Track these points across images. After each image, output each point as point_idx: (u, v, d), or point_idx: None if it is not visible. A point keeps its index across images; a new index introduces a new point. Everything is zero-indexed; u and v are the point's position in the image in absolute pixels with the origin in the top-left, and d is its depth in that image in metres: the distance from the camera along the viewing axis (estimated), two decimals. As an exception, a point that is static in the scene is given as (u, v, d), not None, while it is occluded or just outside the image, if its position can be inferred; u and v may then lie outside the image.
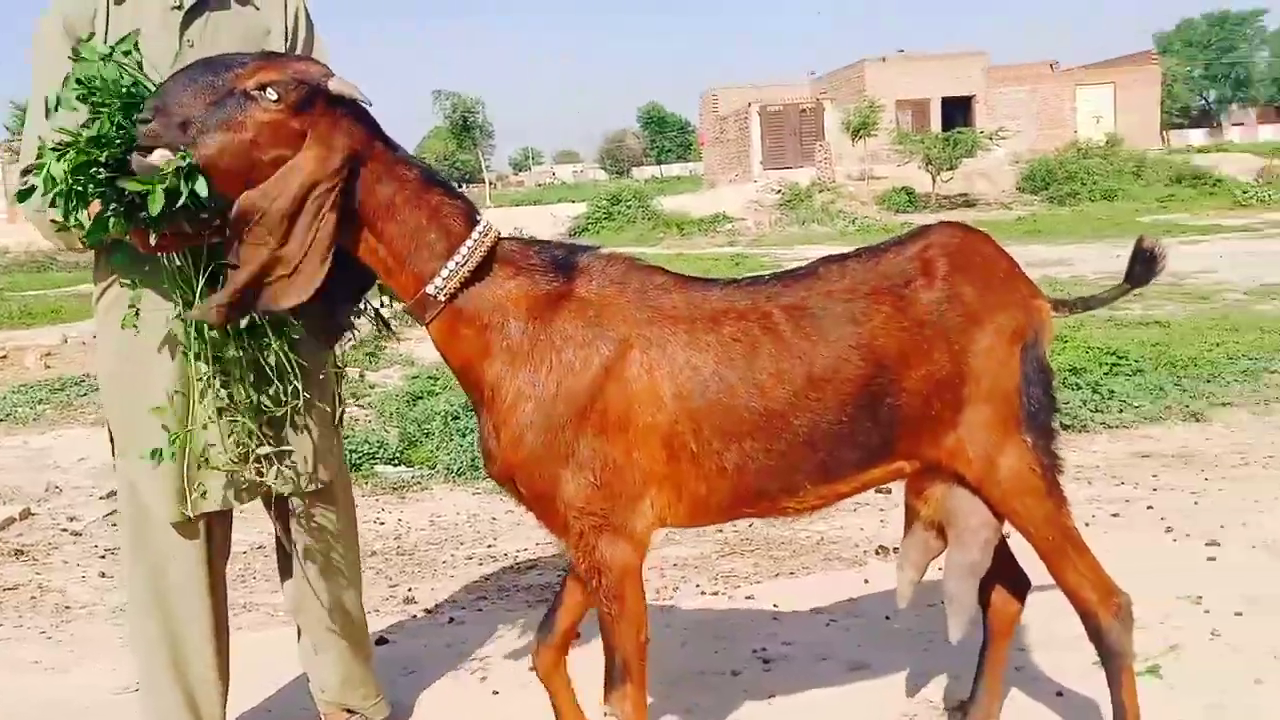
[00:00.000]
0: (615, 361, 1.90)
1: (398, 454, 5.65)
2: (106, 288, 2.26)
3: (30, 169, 2.10)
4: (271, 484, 2.27)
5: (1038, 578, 2.29)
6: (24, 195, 1.96)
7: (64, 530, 4.86)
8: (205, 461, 2.21)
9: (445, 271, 1.87)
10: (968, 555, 2.16)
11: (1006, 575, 2.33)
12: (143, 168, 1.77)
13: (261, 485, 2.28)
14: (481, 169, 48.74)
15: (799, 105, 34.44)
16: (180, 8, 2.22)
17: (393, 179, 1.87)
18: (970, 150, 26.34)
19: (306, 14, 2.42)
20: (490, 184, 49.07)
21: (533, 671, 2.25)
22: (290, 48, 2.36)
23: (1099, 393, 6.00)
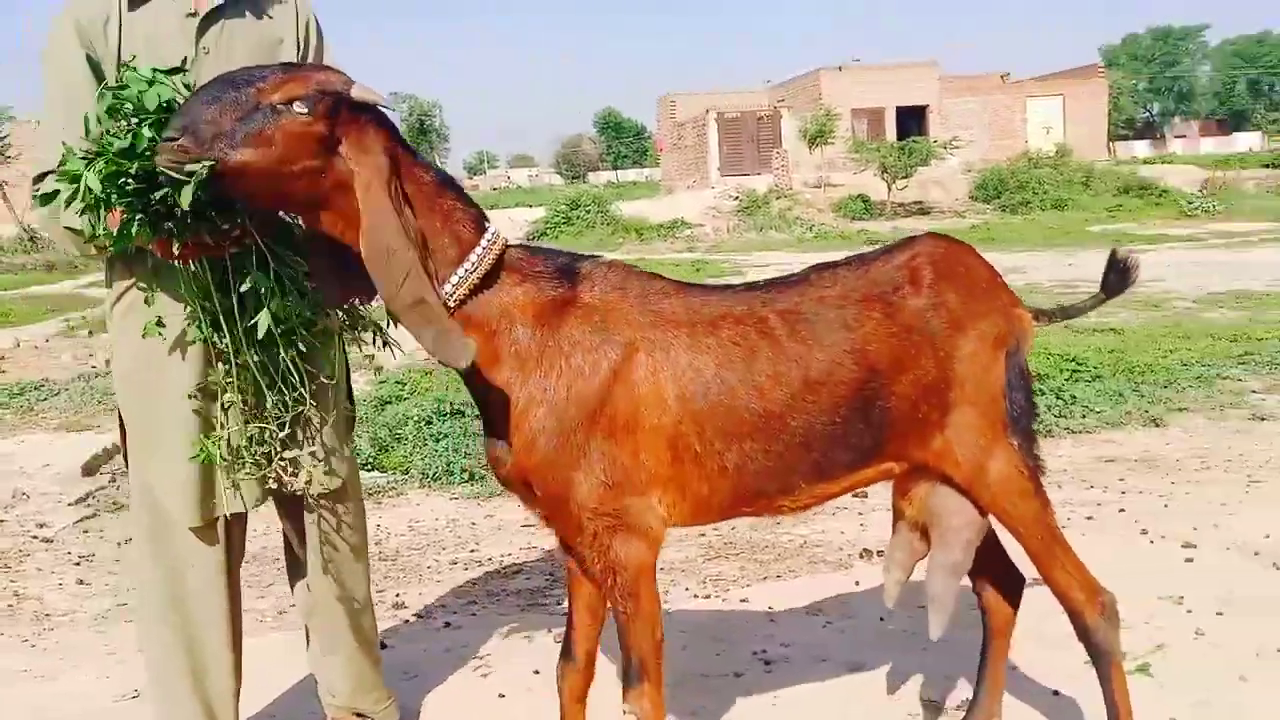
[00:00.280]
0: (622, 365, 1.93)
1: (370, 459, 5.62)
2: (123, 293, 2.25)
3: (47, 174, 2.09)
4: (290, 486, 2.28)
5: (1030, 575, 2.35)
6: (47, 199, 1.94)
7: (34, 538, 4.77)
8: (226, 465, 2.21)
9: (455, 278, 1.90)
10: (950, 555, 2.22)
11: (1000, 574, 2.40)
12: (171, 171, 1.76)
13: (280, 487, 2.28)
14: (438, 172, 48.35)
15: (756, 112, 34.68)
16: (195, 15, 2.22)
17: (411, 182, 1.89)
18: (925, 159, 26.72)
19: (317, 23, 2.43)
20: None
21: (554, 689, 2.25)
22: (302, 57, 2.37)
23: (1061, 398, 6.15)
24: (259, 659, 3.07)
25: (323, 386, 2.27)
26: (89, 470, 5.72)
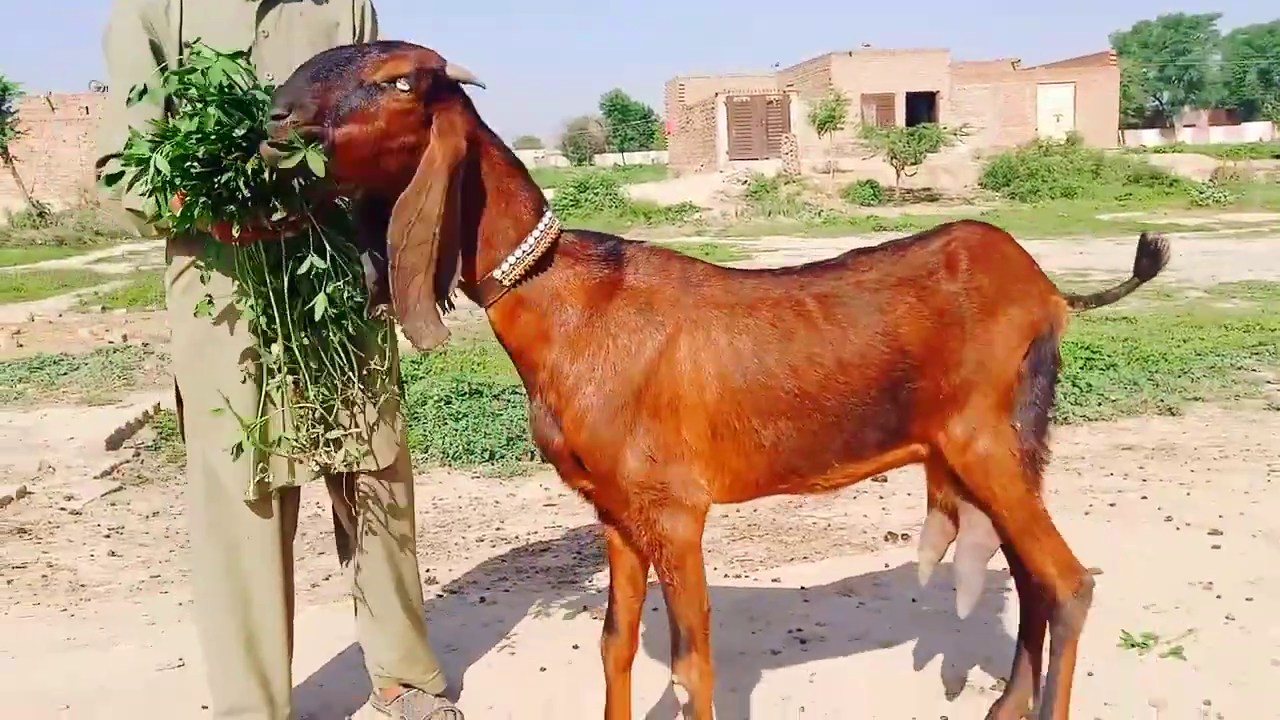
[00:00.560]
0: (666, 346, 1.99)
1: (391, 437, 5.66)
2: (181, 272, 2.28)
3: (110, 157, 2.12)
4: (336, 467, 2.32)
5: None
6: (111, 180, 1.97)
7: (63, 509, 4.82)
8: (277, 443, 2.25)
9: (512, 258, 1.94)
10: (976, 537, 2.27)
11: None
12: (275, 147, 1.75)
13: (327, 468, 2.32)
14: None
15: (765, 96, 34.58)
16: (253, 0, 2.24)
17: (486, 162, 1.94)
18: (934, 145, 26.68)
19: (371, 7, 2.45)
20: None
21: (594, 664, 2.29)
22: (358, 39, 2.38)
23: (1077, 386, 6.18)
24: (297, 632, 3.12)
25: (371, 370, 2.31)
26: (113, 444, 5.77)
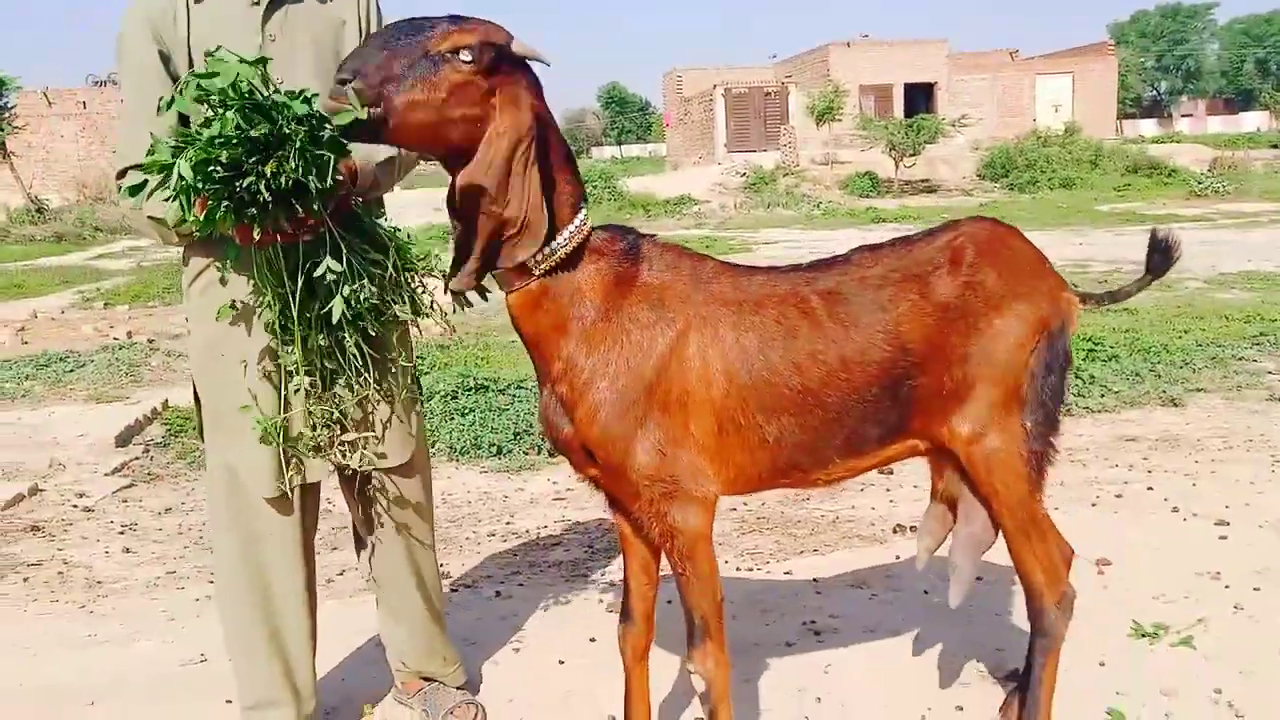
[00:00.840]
0: (677, 342, 2.02)
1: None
2: (198, 274, 2.30)
3: (131, 168, 2.14)
4: (352, 466, 2.35)
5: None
6: (135, 190, 1.99)
7: (75, 507, 4.84)
8: (293, 442, 2.28)
9: (548, 249, 1.96)
10: (973, 529, 2.31)
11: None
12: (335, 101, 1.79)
13: (343, 467, 2.35)
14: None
15: (764, 88, 34.57)
16: (259, 3, 2.25)
17: (547, 145, 1.94)
18: (933, 136, 26.66)
19: (377, 3, 2.46)
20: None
21: (610, 656, 2.32)
22: (364, 36, 2.39)
23: (1080, 377, 6.21)
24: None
25: (388, 370, 2.34)
26: (122, 441, 5.80)
